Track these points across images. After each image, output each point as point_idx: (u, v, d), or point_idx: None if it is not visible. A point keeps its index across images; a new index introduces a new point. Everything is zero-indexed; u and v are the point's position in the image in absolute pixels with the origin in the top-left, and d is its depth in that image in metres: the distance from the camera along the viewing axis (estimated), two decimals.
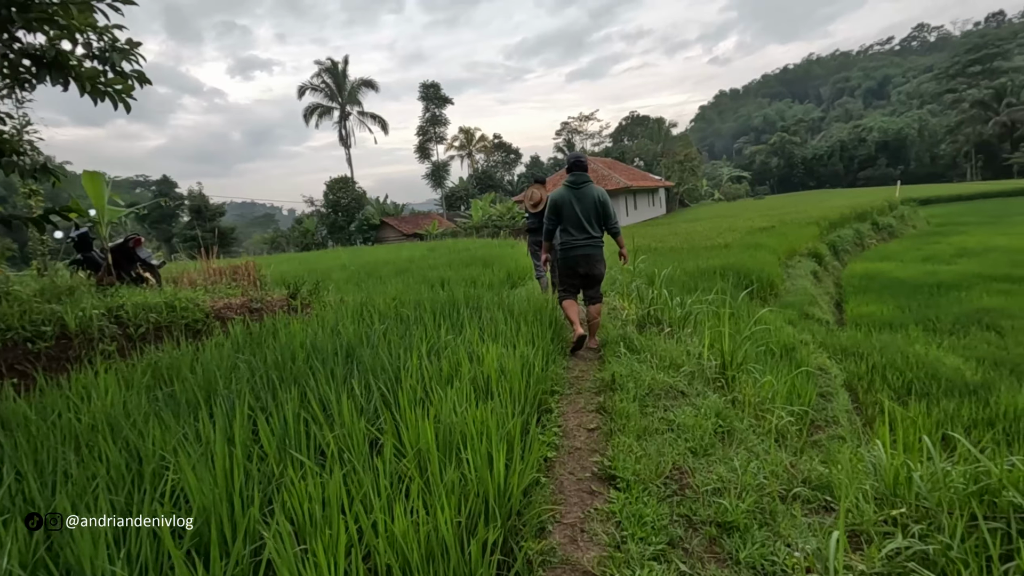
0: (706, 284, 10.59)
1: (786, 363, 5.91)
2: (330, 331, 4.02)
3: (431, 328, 3.96)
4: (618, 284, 7.26)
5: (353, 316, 4.61)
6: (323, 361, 3.30)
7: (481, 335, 3.82)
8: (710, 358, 3.99)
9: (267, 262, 17.57)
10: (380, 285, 7.92)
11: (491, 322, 4.21)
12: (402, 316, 4.47)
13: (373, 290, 7.75)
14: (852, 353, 7.98)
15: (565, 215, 4.63)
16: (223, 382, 3.03)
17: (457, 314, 4.46)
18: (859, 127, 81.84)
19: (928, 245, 21.82)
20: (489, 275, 8.46)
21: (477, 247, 13.90)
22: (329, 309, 5.14)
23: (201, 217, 41.83)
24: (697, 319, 5.04)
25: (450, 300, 4.98)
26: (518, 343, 3.57)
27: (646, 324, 4.87)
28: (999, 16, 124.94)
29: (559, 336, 4.45)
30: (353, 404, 2.50)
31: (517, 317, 4.36)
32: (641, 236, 22.66)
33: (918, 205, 33.12)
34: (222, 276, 7.37)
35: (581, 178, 4.74)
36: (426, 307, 4.73)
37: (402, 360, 3.24)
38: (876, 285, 15.49)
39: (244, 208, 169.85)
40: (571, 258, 4.66)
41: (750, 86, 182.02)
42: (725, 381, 3.90)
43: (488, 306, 4.76)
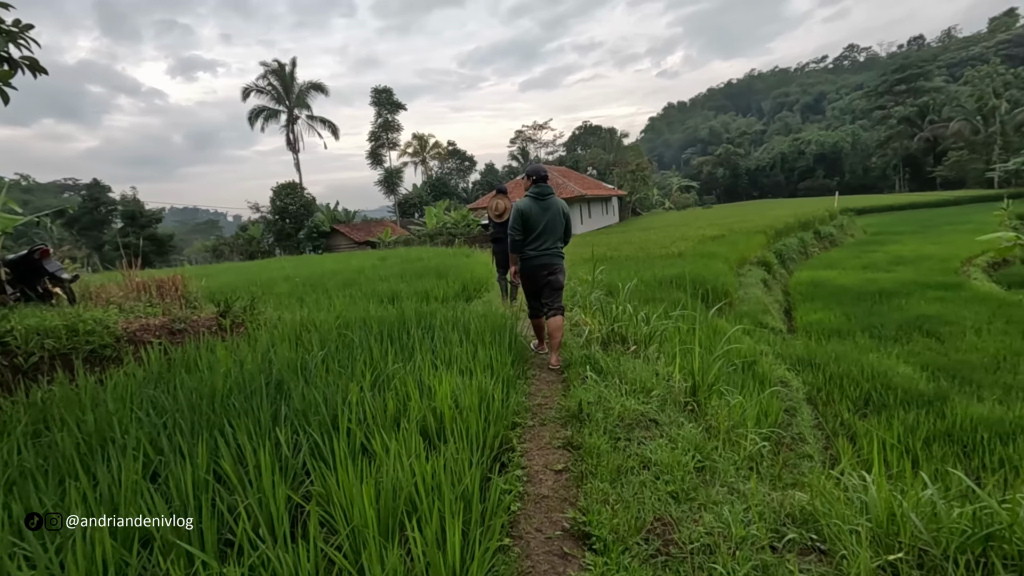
0: (664, 294, 10.52)
1: (749, 377, 5.77)
2: (261, 358, 3.53)
3: (377, 354, 3.53)
4: (578, 296, 6.99)
5: (290, 339, 4.12)
6: (248, 397, 2.83)
7: (434, 361, 3.42)
8: (680, 380, 3.74)
9: (205, 272, 16.45)
10: (325, 299, 7.37)
11: (445, 345, 3.82)
12: (345, 339, 4.02)
13: (317, 306, 7.20)
14: (809, 363, 8.01)
15: (531, 226, 4.67)
16: (120, 428, 2.51)
17: (407, 335, 4.05)
18: (798, 140, 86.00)
19: (866, 253, 22.83)
20: (444, 287, 8.04)
21: (431, 256, 13.42)
22: (264, 330, 4.62)
23: (135, 224, 39.31)
24: (664, 335, 4.81)
25: (400, 319, 4.55)
26: (475, 370, 3.20)
27: (611, 342, 4.60)
28: (919, 40, 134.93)
29: (521, 358, 4.11)
30: (276, 459, 2.06)
31: (474, 338, 3.99)
32: (597, 244, 22.69)
33: (855, 215, 34.78)
34: (146, 291, 6.65)
35: (546, 190, 4.78)
36: (373, 327, 4.29)
37: (343, 394, 2.81)
38: (822, 293, 15.94)
39: (186, 214, 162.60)
40: (534, 267, 4.73)
41: (697, 99, 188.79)
42: (696, 404, 3.65)
43: (442, 325, 4.36)
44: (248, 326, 5.03)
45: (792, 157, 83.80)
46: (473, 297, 8.33)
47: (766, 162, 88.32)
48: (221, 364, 3.46)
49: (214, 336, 4.63)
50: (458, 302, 7.50)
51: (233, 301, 5.28)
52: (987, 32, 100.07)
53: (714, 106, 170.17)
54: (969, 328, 11.05)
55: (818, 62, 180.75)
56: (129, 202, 41.64)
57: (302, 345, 4.02)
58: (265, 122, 48.38)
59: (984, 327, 11.12)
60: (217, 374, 3.17)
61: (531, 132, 72.63)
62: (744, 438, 3.58)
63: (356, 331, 4.17)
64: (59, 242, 54.92)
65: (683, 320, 5.38)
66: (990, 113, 50.21)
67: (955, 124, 53.56)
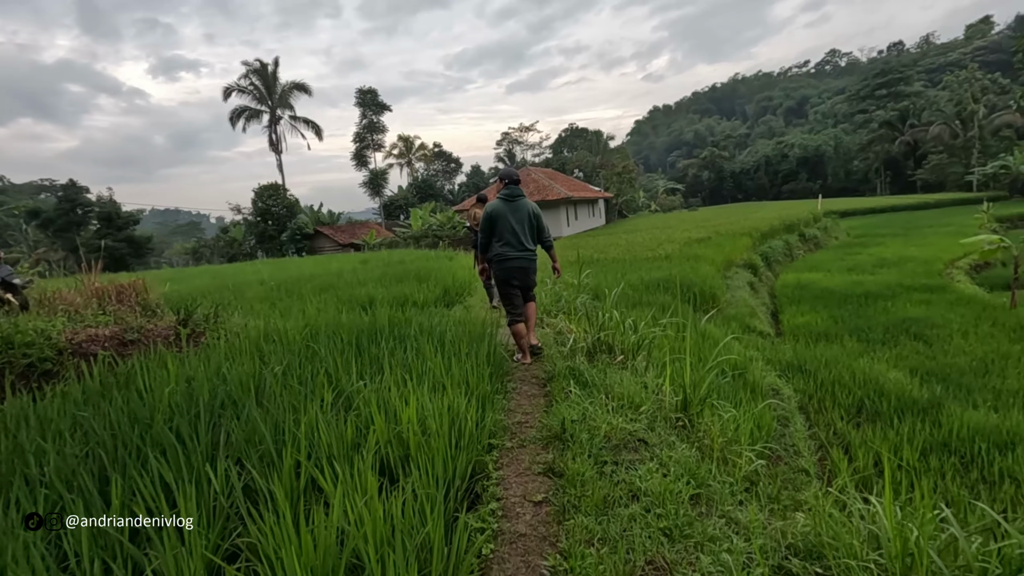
0: (651, 298, 10.31)
1: (740, 386, 5.55)
2: (214, 374, 3.21)
3: (341, 368, 3.23)
4: (563, 301, 6.72)
5: (251, 351, 3.79)
6: (192, 422, 2.51)
7: (405, 375, 3.12)
8: (671, 394, 3.49)
9: (180, 276, 15.95)
10: (299, 305, 7.02)
11: (418, 357, 3.52)
12: (311, 351, 3.71)
13: (288, 312, 6.86)
14: (799, 369, 7.83)
15: (500, 228, 4.74)
16: (37, 459, 2.18)
17: (378, 346, 3.75)
18: (782, 143, 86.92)
19: (850, 256, 22.91)
20: (424, 292, 7.73)
21: (413, 259, 13.09)
22: (225, 340, 4.28)
23: (112, 225, 38.33)
24: (653, 344, 4.55)
25: (372, 327, 4.25)
26: (448, 387, 2.92)
27: (597, 352, 4.33)
28: (899, 46, 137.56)
29: (500, 370, 3.83)
30: (204, 502, 1.76)
31: (449, 349, 3.70)
32: (583, 246, 22.49)
33: (839, 217, 35.05)
34: (108, 298, 6.25)
35: (516, 192, 4.87)
36: (342, 337, 3.98)
37: (297, 417, 2.50)
38: (808, 295, 15.88)
39: (167, 216, 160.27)
40: (506, 270, 4.76)
41: (682, 102, 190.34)
42: (688, 420, 3.40)
43: (416, 334, 4.06)
44: (209, 336, 4.69)
45: (776, 160, 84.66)
46: (454, 302, 8.03)
47: (750, 165, 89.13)
48: (169, 380, 3.13)
49: (170, 347, 4.28)
50: (438, 308, 7.20)
51: (194, 308, 4.93)
52: (964, 39, 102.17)
53: (699, 109, 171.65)
54: (956, 331, 11.00)
55: (801, 67, 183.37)
56: (105, 203, 40.59)
57: (264, 357, 3.70)
58: (247, 122, 47.63)
59: (971, 330, 11.08)
60: (159, 393, 2.84)
61: (517, 134, 72.41)
62: (739, 456, 3.34)
63: (323, 342, 3.85)
64: (34, 244, 53.53)
65: (672, 327, 5.14)
66: (969, 117, 51.09)
67: (935, 128, 54.42)
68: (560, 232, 32.27)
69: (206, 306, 5.17)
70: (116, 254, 37.72)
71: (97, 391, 3.17)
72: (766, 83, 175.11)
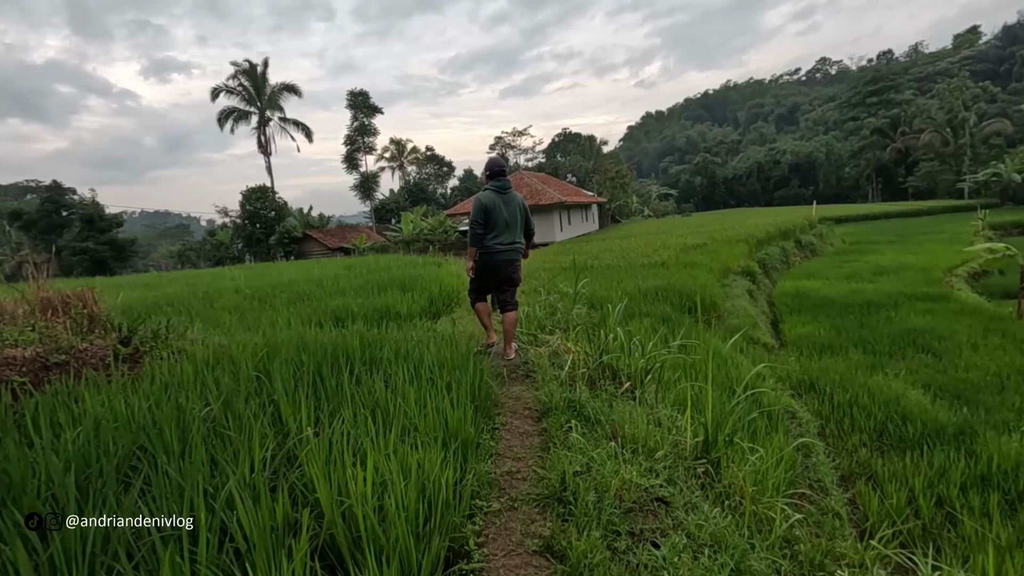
0: (649, 308, 9.78)
1: (754, 408, 5.00)
2: (135, 413, 2.60)
3: (293, 407, 2.63)
4: (559, 314, 6.15)
5: (193, 379, 3.19)
6: (83, 488, 1.92)
7: (370, 415, 2.54)
8: (690, 434, 2.93)
9: (154, 282, 15.20)
10: (269, 316, 6.40)
11: (389, 389, 2.93)
12: (262, 379, 3.11)
13: (258, 324, 6.24)
14: (810, 387, 7.32)
15: (494, 220, 4.60)
16: None
17: (347, 373, 3.16)
18: (774, 150, 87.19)
19: (848, 263, 22.58)
20: (407, 302, 7.13)
21: (400, 265, 12.47)
22: (170, 363, 3.67)
23: (94, 228, 37.34)
24: (664, 367, 3.99)
25: (340, 349, 3.65)
26: (421, 430, 2.34)
27: (600, 377, 3.77)
28: (888, 54, 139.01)
29: (487, 402, 3.25)
30: None
31: (427, 378, 3.11)
32: (578, 252, 21.97)
33: (834, 224, 34.84)
34: (56, 309, 5.60)
35: (507, 184, 4.77)
36: (303, 360, 3.39)
37: (214, 485, 1.91)
38: (808, 304, 15.45)
39: (156, 218, 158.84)
40: (495, 263, 4.67)
41: (674, 108, 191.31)
42: (711, 466, 2.84)
43: (391, 359, 3.47)
44: (153, 357, 4.06)
45: (768, 166, 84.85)
46: (441, 313, 7.43)
47: (743, 171, 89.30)
48: (74, 423, 2.52)
49: (103, 372, 3.66)
50: (422, 320, 6.61)
51: (138, 324, 4.31)
52: (952, 48, 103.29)
53: (691, 116, 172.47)
54: (965, 344, 10.58)
55: (791, 74, 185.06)
56: (87, 205, 39.55)
57: (207, 387, 3.10)
58: (235, 124, 46.80)
59: (980, 342, 10.67)
60: (58, 439, 2.24)
61: (511, 138, 72.04)
62: (772, 508, 2.79)
63: (279, 368, 3.26)
64: (16, 246, 52.30)
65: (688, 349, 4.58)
66: (960, 125, 51.31)
67: (926, 136, 54.62)
68: (553, 237, 31.76)
69: (155, 320, 4.55)
70: (97, 257, 36.71)
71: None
72: (757, 90, 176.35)
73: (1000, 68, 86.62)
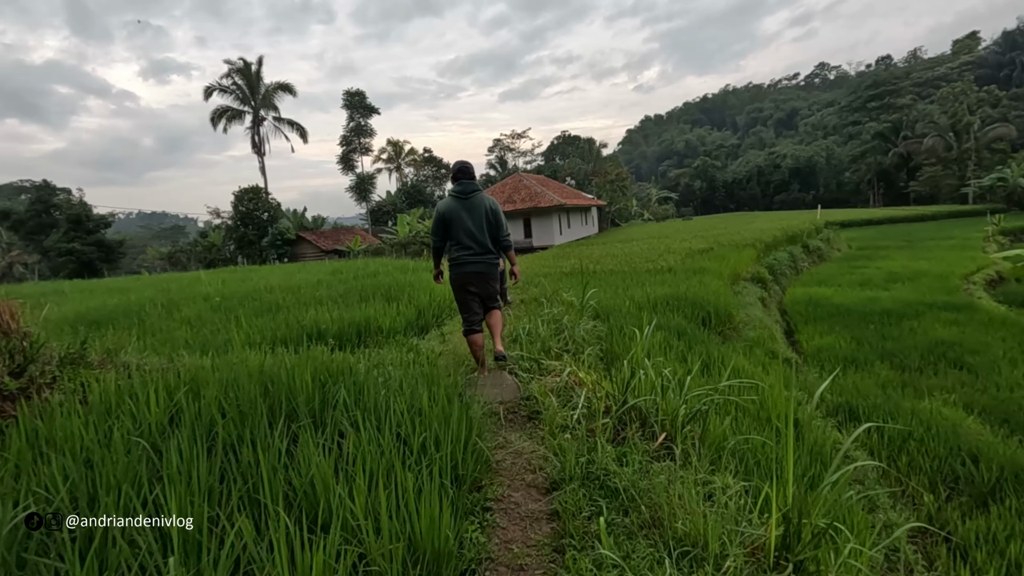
0: (661, 319, 8.90)
1: (804, 453, 4.11)
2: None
3: (182, 498, 1.74)
4: (565, 330, 5.26)
5: (78, 436, 2.31)
6: None
7: (288, 520, 1.65)
8: (757, 521, 2.06)
9: (126, 286, 14.26)
10: (228, 330, 5.52)
11: (331, 457, 2.05)
12: (166, 432, 2.23)
13: (212, 342, 5.35)
14: (848, 412, 6.44)
15: (454, 229, 4.19)
16: None
17: (284, 427, 2.28)
18: (774, 154, 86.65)
19: (858, 269, 21.75)
20: (391, 315, 6.23)
21: (390, 270, 11.57)
22: (63, 404, 2.78)
23: (81, 228, 36.31)
24: (710, 412, 3.06)
25: (286, 388, 2.76)
26: (368, 553, 1.46)
27: (626, 423, 2.88)
28: (887, 60, 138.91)
29: (476, 467, 2.36)
30: None
31: (391, 438, 2.22)
32: (578, 256, 21.11)
33: (839, 228, 34.08)
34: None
35: (470, 187, 4.27)
36: (226, 410, 2.51)
37: None
38: (822, 313, 14.61)
39: (153, 219, 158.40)
40: (462, 275, 4.26)
41: (673, 112, 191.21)
42: (794, 572, 1.96)
43: (350, 405, 2.57)
44: (55, 393, 3.17)
45: (768, 170, 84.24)
46: (429, 326, 6.54)
47: (742, 175, 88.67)
48: None
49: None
50: (407, 337, 5.71)
51: (37, 348, 3.41)
52: (951, 54, 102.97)
53: (690, 120, 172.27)
54: (1002, 359, 9.74)
55: (790, 79, 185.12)
56: (75, 205, 38.51)
57: (100, 439, 2.23)
58: (228, 123, 45.90)
59: (1019, 358, 9.83)
60: None
61: (509, 141, 71.21)
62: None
63: (189, 425, 2.37)
64: (7, 247, 51.25)
65: (748, 390, 3.69)
66: (964, 130, 50.68)
67: (929, 140, 53.98)
68: (553, 240, 30.91)
69: (66, 343, 3.65)
70: (84, 258, 35.68)
71: None
72: (756, 95, 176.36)
73: (1000, 74, 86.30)
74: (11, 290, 16.37)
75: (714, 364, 6.52)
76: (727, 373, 6.01)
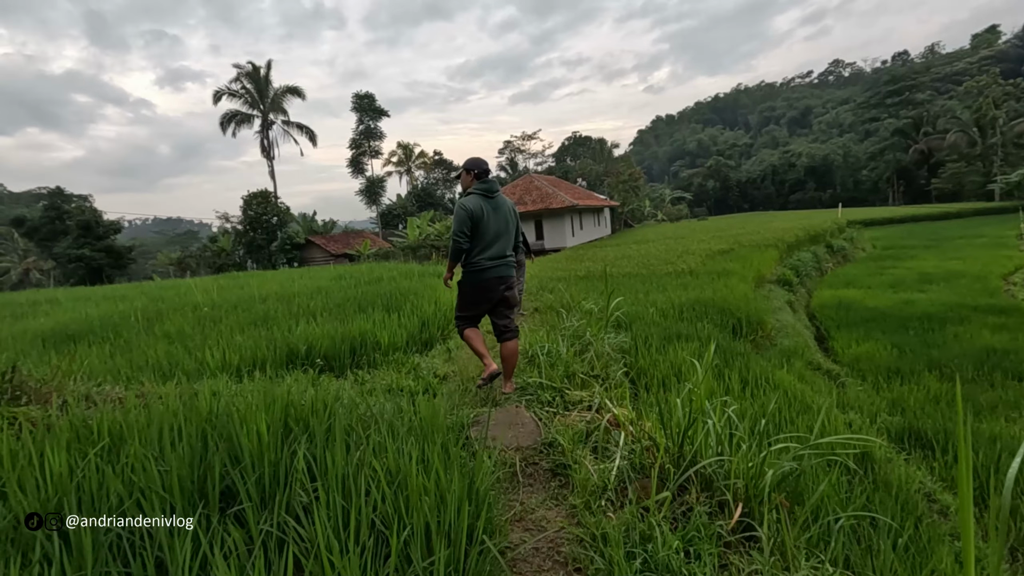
0: (688, 328, 8.12)
1: (869, 487, 3.32)
2: None
3: None
4: (590, 348, 4.53)
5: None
6: None
7: None
8: None
9: (129, 293, 13.77)
10: (201, 349, 4.86)
11: None
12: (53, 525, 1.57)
13: (189, 358, 4.70)
14: (918, 440, 5.63)
15: (482, 230, 3.89)
16: None
17: (213, 513, 1.60)
18: (788, 152, 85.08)
19: (887, 270, 20.75)
20: (391, 328, 5.54)
21: (395, 275, 10.90)
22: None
23: (91, 234, 36.18)
24: (802, 476, 2.25)
25: (235, 440, 2.08)
26: None
27: (684, 489, 2.14)
28: (904, 55, 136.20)
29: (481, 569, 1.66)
30: None
31: (364, 531, 1.53)
32: (592, 258, 20.36)
33: (863, 227, 32.94)
34: None
35: (494, 186, 4.03)
36: (147, 478, 1.84)
37: None
38: (856, 317, 13.69)
39: (168, 224, 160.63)
40: (488, 280, 3.94)
41: (684, 112, 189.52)
42: None
43: (319, 473, 1.88)
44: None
45: (783, 169, 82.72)
46: (435, 340, 5.83)
47: (756, 174, 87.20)
48: None
49: None
50: (407, 354, 5.01)
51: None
52: (970, 48, 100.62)
53: (701, 119, 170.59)
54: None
55: (803, 77, 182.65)
56: (85, 211, 38.43)
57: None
58: (237, 127, 45.71)
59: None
60: None
61: (520, 143, 70.60)
62: None
63: (88, 500, 1.71)
64: (24, 253, 51.57)
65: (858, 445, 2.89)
66: (989, 125, 49.10)
67: (951, 136, 52.43)
68: (565, 242, 30.14)
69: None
70: (93, 264, 35.54)
71: None
72: (768, 93, 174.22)
73: (1022, 68, 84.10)
74: (7, 298, 15.97)
75: (756, 382, 5.75)
76: (775, 394, 5.26)
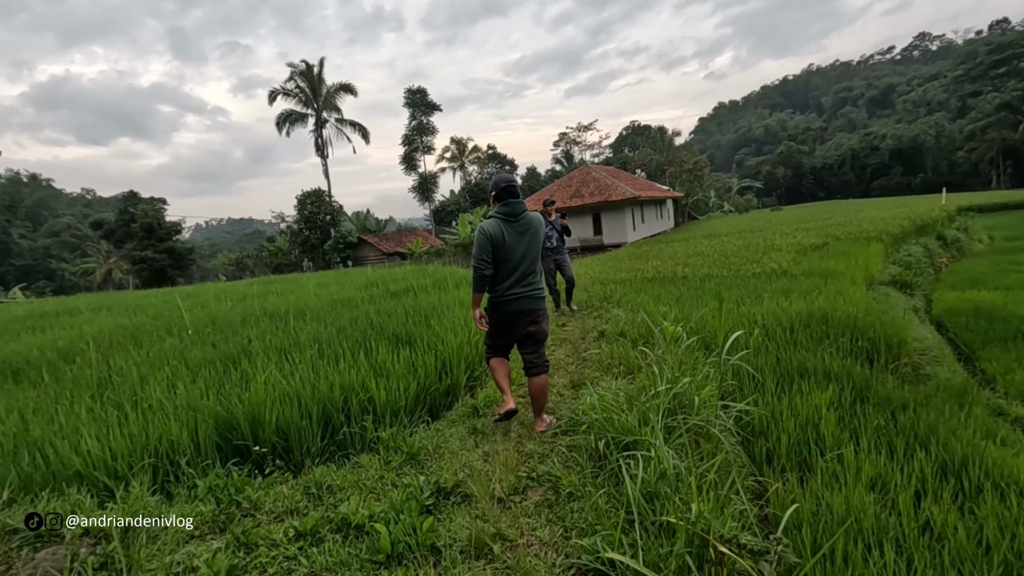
0: (804, 356, 5.94)
1: None
2: None
3: None
4: (685, 408, 2.57)
5: None
6: None
7: None
8: None
9: (146, 303, 12.85)
10: (125, 407, 3.32)
11: None
12: None
13: (109, 421, 3.10)
14: None
15: (503, 257, 3.47)
16: None
17: None
18: (870, 135, 77.87)
19: (1021, 265, 17.22)
20: (397, 374, 3.79)
21: (426, 284, 9.21)
22: None
23: (153, 236, 37.06)
24: None
25: None
26: None
27: None
28: (1003, 23, 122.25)
29: None
30: None
31: None
32: (657, 256, 18.06)
33: (976, 214, 28.57)
34: None
35: (518, 208, 3.52)
36: None
37: None
38: (1004, 329, 10.71)
39: (240, 225, 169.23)
40: (512, 313, 3.57)
41: (749, 97, 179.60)
42: None
43: None
44: None
45: (864, 153, 75.79)
46: (457, 391, 4.03)
47: (833, 160, 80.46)
48: None
49: None
50: (415, 424, 3.23)
51: None
52: None
53: (768, 104, 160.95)
54: None
55: (883, 54, 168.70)
56: (149, 212, 39.47)
57: None
58: (292, 126, 45.89)
59: None
60: None
61: (575, 134, 67.96)
62: None
63: None
64: (106, 254, 54.39)
65: None
66: None
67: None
68: (626, 237, 27.76)
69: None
70: (156, 266, 36.40)
71: None
72: (844, 73, 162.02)
73: None
74: (6, 309, 15.70)
75: (968, 469, 3.58)
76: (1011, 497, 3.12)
